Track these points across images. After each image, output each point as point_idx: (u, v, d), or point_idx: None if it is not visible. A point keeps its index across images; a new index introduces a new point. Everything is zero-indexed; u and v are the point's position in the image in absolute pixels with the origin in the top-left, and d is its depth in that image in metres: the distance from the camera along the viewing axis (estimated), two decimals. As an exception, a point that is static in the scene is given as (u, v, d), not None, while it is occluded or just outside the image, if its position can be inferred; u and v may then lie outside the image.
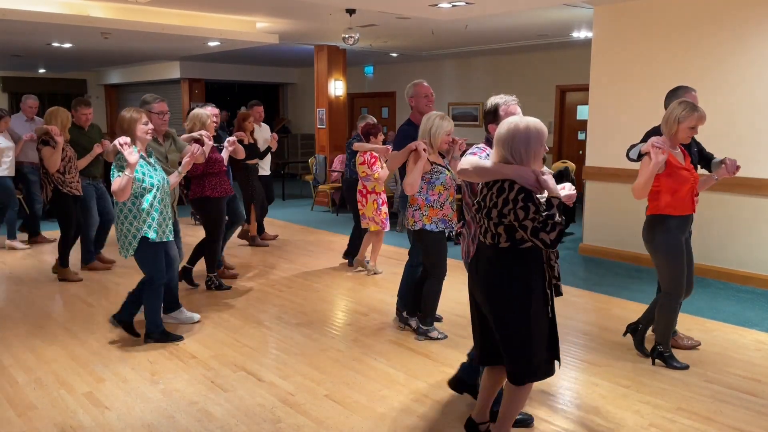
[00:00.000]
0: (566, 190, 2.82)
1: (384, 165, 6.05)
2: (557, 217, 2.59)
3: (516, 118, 2.75)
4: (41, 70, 15.59)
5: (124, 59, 13.45)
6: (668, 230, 3.87)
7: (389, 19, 7.93)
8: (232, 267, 6.41)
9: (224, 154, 5.50)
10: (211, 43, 9.53)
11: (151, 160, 4.24)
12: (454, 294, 5.66)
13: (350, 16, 7.51)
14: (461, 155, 4.34)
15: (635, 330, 4.31)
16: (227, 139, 5.56)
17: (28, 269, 6.58)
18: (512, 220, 2.63)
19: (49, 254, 7.16)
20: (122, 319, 4.44)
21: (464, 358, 4.19)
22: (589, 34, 8.56)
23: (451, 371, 3.96)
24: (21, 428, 3.27)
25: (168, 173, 4.49)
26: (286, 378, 3.89)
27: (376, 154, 6.11)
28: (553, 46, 10.52)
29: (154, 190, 4.09)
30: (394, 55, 12.38)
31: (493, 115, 3.26)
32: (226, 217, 5.87)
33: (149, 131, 4.11)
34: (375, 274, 6.42)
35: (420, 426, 3.31)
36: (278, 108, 17.35)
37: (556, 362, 2.88)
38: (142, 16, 7.74)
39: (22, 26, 7.63)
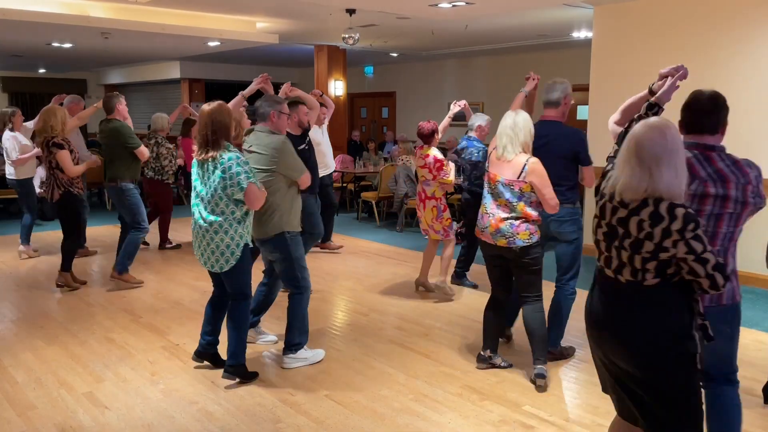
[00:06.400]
0: None
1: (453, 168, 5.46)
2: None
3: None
4: (41, 70, 15.60)
5: (124, 59, 13.45)
6: None
7: (389, 19, 7.93)
8: None
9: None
10: (211, 43, 9.53)
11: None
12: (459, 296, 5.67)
13: (350, 16, 7.51)
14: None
15: None
16: None
17: (28, 269, 6.57)
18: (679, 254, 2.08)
19: (47, 253, 7.15)
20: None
21: (465, 358, 4.18)
22: (589, 34, 8.56)
23: (451, 371, 3.97)
24: (21, 428, 3.27)
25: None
26: (286, 378, 3.89)
27: (441, 157, 5.37)
28: (553, 46, 10.51)
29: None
30: (394, 55, 12.38)
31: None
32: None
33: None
34: (447, 293, 5.55)
35: (420, 426, 3.31)
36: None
37: None
38: (142, 16, 7.74)
39: (22, 26, 7.64)
